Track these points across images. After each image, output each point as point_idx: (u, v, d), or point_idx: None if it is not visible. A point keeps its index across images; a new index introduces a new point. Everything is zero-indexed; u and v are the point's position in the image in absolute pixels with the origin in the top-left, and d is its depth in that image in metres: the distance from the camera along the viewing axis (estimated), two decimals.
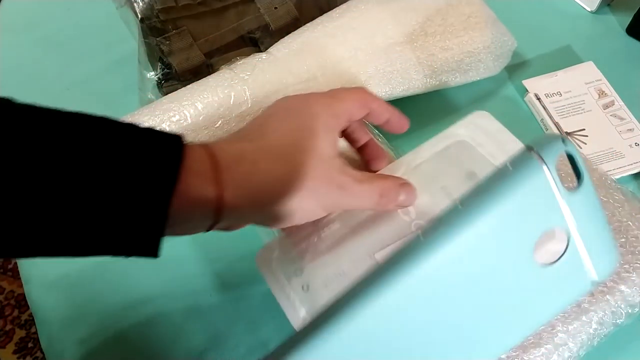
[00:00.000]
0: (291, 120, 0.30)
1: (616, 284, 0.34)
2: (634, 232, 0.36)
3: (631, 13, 0.52)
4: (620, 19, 0.54)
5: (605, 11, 0.55)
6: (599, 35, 0.53)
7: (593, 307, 0.33)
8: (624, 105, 0.46)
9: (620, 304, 0.34)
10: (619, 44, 0.53)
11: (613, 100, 0.47)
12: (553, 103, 0.47)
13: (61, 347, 0.39)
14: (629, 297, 0.34)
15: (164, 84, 0.47)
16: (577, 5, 0.55)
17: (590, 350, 0.34)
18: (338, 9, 0.45)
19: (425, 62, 0.44)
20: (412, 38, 0.44)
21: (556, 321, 0.33)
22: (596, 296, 0.34)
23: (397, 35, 0.44)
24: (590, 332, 0.33)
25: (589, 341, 0.33)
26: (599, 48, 0.52)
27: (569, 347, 0.33)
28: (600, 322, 0.33)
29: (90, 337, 0.39)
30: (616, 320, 0.34)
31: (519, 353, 0.32)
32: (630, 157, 0.44)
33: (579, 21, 0.54)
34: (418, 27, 0.44)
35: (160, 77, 0.48)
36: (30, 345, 1.08)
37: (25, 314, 1.11)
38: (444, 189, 0.35)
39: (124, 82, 0.51)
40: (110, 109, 0.49)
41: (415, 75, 0.44)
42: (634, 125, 0.45)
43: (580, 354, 0.33)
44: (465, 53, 0.45)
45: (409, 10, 0.45)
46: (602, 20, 0.55)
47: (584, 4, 0.55)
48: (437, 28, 0.44)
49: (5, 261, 1.16)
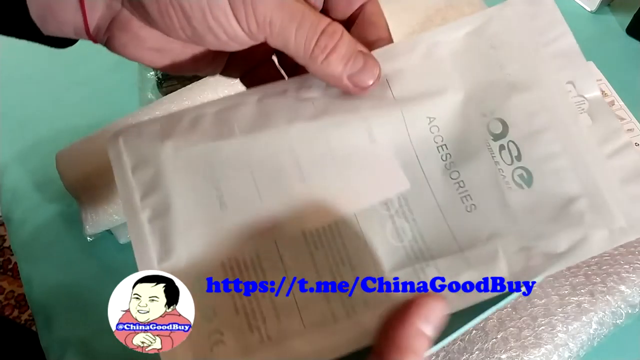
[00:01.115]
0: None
1: (616, 284, 0.34)
2: None
3: (631, 13, 0.52)
4: (620, 19, 0.54)
5: (605, 11, 0.55)
6: (599, 35, 0.53)
7: (593, 308, 0.33)
8: (624, 105, 0.46)
9: (620, 304, 0.34)
10: (619, 44, 0.53)
11: (613, 100, 0.47)
12: None
13: (61, 347, 0.39)
14: (629, 297, 0.34)
15: (164, 84, 0.47)
16: (577, 5, 0.55)
17: (590, 350, 0.34)
18: None
19: None
20: (412, 38, 0.44)
21: (556, 321, 0.33)
22: (596, 296, 0.34)
23: (397, 35, 0.44)
24: (590, 332, 0.33)
25: (589, 341, 0.33)
26: (599, 48, 0.52)
27: (569, 347, 0.33)
28: (600, 323, 0.33)
29: (90, 337, 0.39)
30: (616, 321, 0.34)
31: (519, 353, 0.32)
32: None
33: (579, 21, 0.54)
34: (418, 27, 0.44)
35: (160, 77, 0.48)
36: None
37: (25, 314, 1.11)
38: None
39: (124, 82, 0.51)
40: (110, 109, 0.49)
41: None
42: (634, 125, 0.45)
43: (580, 354, 0.33)
44: None
45: (409, 10, 0.45)
46: (602, 20, 0.55)
47: (584, 4, 0.55)
48: (437, 28, 0.44)
49: (5, 261, 1.16)
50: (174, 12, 0.22)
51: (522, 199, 0.23)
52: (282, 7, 0.22)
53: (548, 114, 0.23)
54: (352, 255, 0.23)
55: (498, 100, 0.24)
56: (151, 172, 0.24)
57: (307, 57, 0.23)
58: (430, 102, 0.24)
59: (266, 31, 0.22)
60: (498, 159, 0.23)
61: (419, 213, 0.23)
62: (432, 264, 0.23)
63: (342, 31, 0.23)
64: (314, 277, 0.23)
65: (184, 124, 0.25)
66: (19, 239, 0.45)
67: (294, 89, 0.25)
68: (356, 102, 0.24)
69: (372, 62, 0.24)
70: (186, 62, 0.26)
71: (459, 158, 0.24)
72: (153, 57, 0.25)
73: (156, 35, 0.23)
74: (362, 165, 0.24)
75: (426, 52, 0.25)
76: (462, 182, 0.24)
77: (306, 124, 0.24)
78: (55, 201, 0.45)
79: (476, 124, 0.24)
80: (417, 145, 0.24)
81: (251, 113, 0.25)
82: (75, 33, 0.23)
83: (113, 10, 0.23)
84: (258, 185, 0.23)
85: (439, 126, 0.24)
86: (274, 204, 0.23)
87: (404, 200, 0.24)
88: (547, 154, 0.23)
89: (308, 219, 0.23)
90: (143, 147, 0.24)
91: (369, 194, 0.24)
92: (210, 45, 0.23)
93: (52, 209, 0.45)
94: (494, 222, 0.23)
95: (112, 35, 0.24)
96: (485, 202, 0.23)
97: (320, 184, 0.23)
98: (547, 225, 0.23)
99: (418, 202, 0.24)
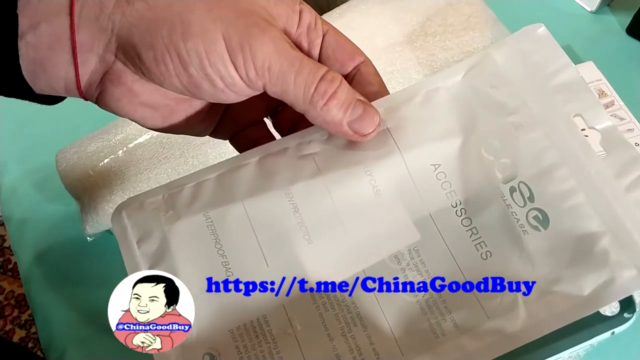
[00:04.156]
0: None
1: None
2: None
3: (631, 13, 0.52)
4: (620, 19, 0.54)
5: (605, 11, 0.55)
6: (599, 35, 0.53)
7: None
8: (624, 105, 0.46)
9: None
10: (619, 44, 0.53)
11: (613, 100, 0.47)
12: None
13: (61, 347, 0.39)
14: None
15: None
16: (577, 5, 0.55)
17: (590, 350, 0.34)
18: (338, 9, 0.45)
19: (425, 62, 0.44)
20: (412, 38, 0.44)
21: None
22: None
23: (397, 35, 0.44)
24: None
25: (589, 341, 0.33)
26: (599, 48, 0.52)
27: None
28: None
29: (90, 337, 0.39)
30: None
31: None
32: None
33: (579, 21, 0.54)
34: (418, 27, 0.44)
35: None
36: (30, 345, 1.08)
37: (25, 314, 1.11)
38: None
39: None
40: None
41: (416, 75, 0.44)
42: (634, 125, 0.45)
43: (580, 355, 0.33)
44: (466, 53, 0.45)
45: (409, 10, 0.45)
46: (602, 20, 0.54)
47: (584, 4, 0.55)
48: (437, 28, 0.44)
49: (5, 261, 1.16)
50: (170, 58, 0.21)
51: (540, 241, 0.22)
52: (280, 53, 0.22)
53: (558, 150, 0.22)
54: (362, 316, 0.22)
55: (504, 140, 0.23)
56: (156, 243, 0.24)
57: (306, 103, 0.22)
58: (432, 148, 0.23)
59: (265, 77, 0.22)
60: (510, 202, 0.22)
61: (431, 264, 0.22)
62: (449, 318, 0.22)
63: (340, 79, 0.23)
64: (325, 341, 0.22)
65: (186, 193, 0.25)
66: (19, 239, 0.45)
67: (294, 146, 0.25)
68: (358, 154, 0.24)
69: (372, 110, 0.23)
70: (179, 119, 0.25)
71: (470, 204, 0.23)
72: (145, 113, 0.24)
73: (150, 90, 0.23)
74: (369, 220, 0.23)
75: (425, 99, 0.24)
76: (475, 229, 0.23)
77: (308, 182, 0.23)
78: (55, 201, 0.45)
79: (484, 167, 0.23)
80: (424, 194, 0.23)
81: (252, 175, 0.24)
82: (65, 89, 0.23)
83: (106, 63, 0.22)
84: (264, 250, 0.23)
85: (446, 172, 0.23)
86: (280, 267, 0.23)
87: (415, 252, 0.23)
88: (561, 192, 0.22)
89: (316, 280, 0.23)
90: (147, 220, 0.24)
91: (378, 249, 0.23)
92: (206, 94, 0.23)
93: (52, 209, 0.45)
94: (511, 268, 0.22)
95: (104, 90, 0.23)
96: (500, 248, 0.22)
97: (328, 243, 0.23)
98: (569, 268, 0.21)
99: (430, 252, 0.23)
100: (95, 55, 0.22)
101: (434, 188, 0.23)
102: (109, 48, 0.22)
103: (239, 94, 0.23)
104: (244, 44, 0.21)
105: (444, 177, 0.23)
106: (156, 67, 0.22)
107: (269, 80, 0.22)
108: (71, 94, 0.23)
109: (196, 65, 0.21)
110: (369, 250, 0.23)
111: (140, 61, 0.22)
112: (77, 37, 0.21)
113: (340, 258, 0.23)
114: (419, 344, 0.22)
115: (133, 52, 0.21)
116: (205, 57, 0.21)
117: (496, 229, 0.22)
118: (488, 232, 0.22)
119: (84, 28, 0.21)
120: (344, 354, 0.22)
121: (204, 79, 0.22)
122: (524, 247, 0.22)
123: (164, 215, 0.24)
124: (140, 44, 0.21)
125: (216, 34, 0.21)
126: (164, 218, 0.24)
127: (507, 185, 0.23)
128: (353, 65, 0.25)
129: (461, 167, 0.23)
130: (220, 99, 0.23)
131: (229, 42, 0.21)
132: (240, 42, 0.21)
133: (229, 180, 0.24)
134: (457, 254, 0.23)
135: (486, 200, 0.23)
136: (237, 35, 0.21)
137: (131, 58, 0.22)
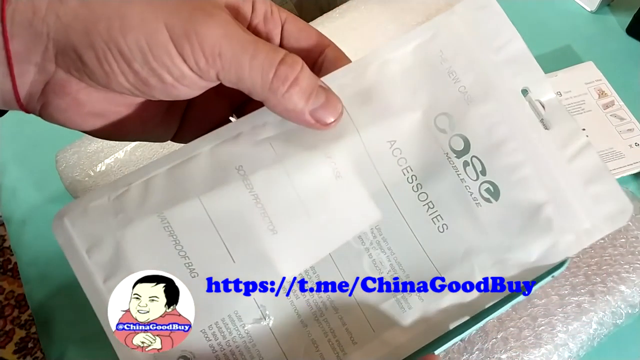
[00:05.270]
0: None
1: (616, 284, 0.34)
2: (634, 232, 0.36)
3: (631, 13, 0.52)
4: (620, 19, 0.54)
5: (605, 11, 0.55)
6: (599, 35, 0.53)
7: (593, 308, 0.33)
8: (624, 105, 0.46)
9: (620, 304, 0.34)
10: (619, 44, 0.53)
11: (613, 100, 0.47)
12: None
13: (61, 347, 0.39)
14: (629, 298, 0.34)
15: None
16: (577, 5, 0.55)
17: (590, 350, 0.34)
18: (338, 9, 0.45)
19: None
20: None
21: (556, 321, 0.33)
22: (596, 296, 0.34)
23: (397, 35, 0.44)
24: (590, 332, 0.33)
25: (589, 341, 0.33)
26: (599, 48, 0.52)
27: (569, 347, 0.33)
28: (600, 323, 0.33)
29: (90, 337, 0.39)
30: (616, 321, 0.34)
31: (519, 353, 0.32)
32: (630, 157, 0.44)
33: (579, 21, 0.54)
34: None
35: None
36: (30, 345, 1.08)
37: (25, 314, 1.11)
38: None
39: None
40: None
41: None
42: (634, 125, 0.45)
43: (580, 355, 0.33)
44: None
45: (409, 11, 0.45)
46: (602, 20, 0.54)
47: (584, 4, 0.55)
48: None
49: (5, 261, 1.16)
50: (112, 56, 0.20)
51: (491, 213, 0.23)
52: (231, 36, 0.20)
53: (507, 124, 0.23)
54: (333, 299, 0.23)
55: (456, 115, 0.23)
56: (109, 251, 0.22)
57: (265, 90, 0.20)
58: (387, 125, 0.23)
59: (217, 65, 0.20)
60: (463, 175, 0.23)
61: (393, 241, 0.23)
62: (414, 293, 0.23)
63: (302, 63, 0.21)
64: (300, 328, 0.23)
65: (134, 192, 0.23)
66: (19, 239, 0.45)
67: (247, 130, 0.23)
68: (316, 136, 0.23)
69: (334, 98, 0.22)
70: (132, 125, 0.23)
71: (425, 179, 0.23)
72: (95, 123, 0.22)
73: (97, 98, 0.21)
74: (331, 204, 0.23)
75: (378, 72, 0.24)
76: (431, 203, 0.23)
77: (268, 170, 0.23)
78: (55, 201, 0.45)
79: (437, 142, 0.23)
80: (383, 172, 0.23)
81: (206, 167, 0.23)
82: (3, 102, 0.21)
83: (46, 73, 0.21)
84: (228, 246, 0.22)
85: (401, 148, 0.23)
86: (247, 261, 0.22)
87: (378, 230, 0.23)
88: (510, 165, 0.23)
89: (285, 269, 0.23)
90: (94, 226, 0.22)
91: (342, 232, 0.23)
92: (156, 91, 0.21)
93: (52, 209, 0.45)
94: (467, 240, 0.23)
95: (47, 102, 0.21)
96: (456, 221, 0.23)
97: (293, 231, 0.23)
98: (519, 236, 0.23)
99: (391, 230, 0.23)
100: (33, 65, 0.20)
101: (391, 165, 0.23)
102: (47, 56, 0.20)
103: (192, 88, 0.21)
104: (189, 31, 0.19)
105: (399, 154, 0.23)
106: (100, 67, 0.20)
107: (222, 67, 0.20)
108: (11, 107, 0.22)
109: (140, 61, 0.20)
110: (333, 233, 0.23)
111: (82, 64, 0.20)
112: (10, 46, 0.20)
113: (306, 245, 0.23)
114: (387, 319, 0.23)
115: (74, 54, 0.20)
116: (148, 50, 0.19)
117: (451, 202, 0.23)
118: (443, 206, 0.23)
119: (18, 36, 0.20)
120: (320, 338, 0.23)
121: (150, 74, 0.20)
122: (478, 218, 0.23)
123: (113, 219, 0.22)
124: (79, 45, 0.20)
125: (157, 23, 0.19)
126: (114, 222, 0.22)
127: (461, 159, 0.23)
128: (318, 51, 0.24)
129: (416, 142, 0.23)
130: (173, 94, 0.21)
131: (173, 31, 0.19)
132: (185, 30, 0.19)
133: (180, 174, 0.23)
134: (415, 228, 0.23)
135: (441, 174, 0.23)
136: (181, 23, 0.19)
137: (73, 62, 0.20)
